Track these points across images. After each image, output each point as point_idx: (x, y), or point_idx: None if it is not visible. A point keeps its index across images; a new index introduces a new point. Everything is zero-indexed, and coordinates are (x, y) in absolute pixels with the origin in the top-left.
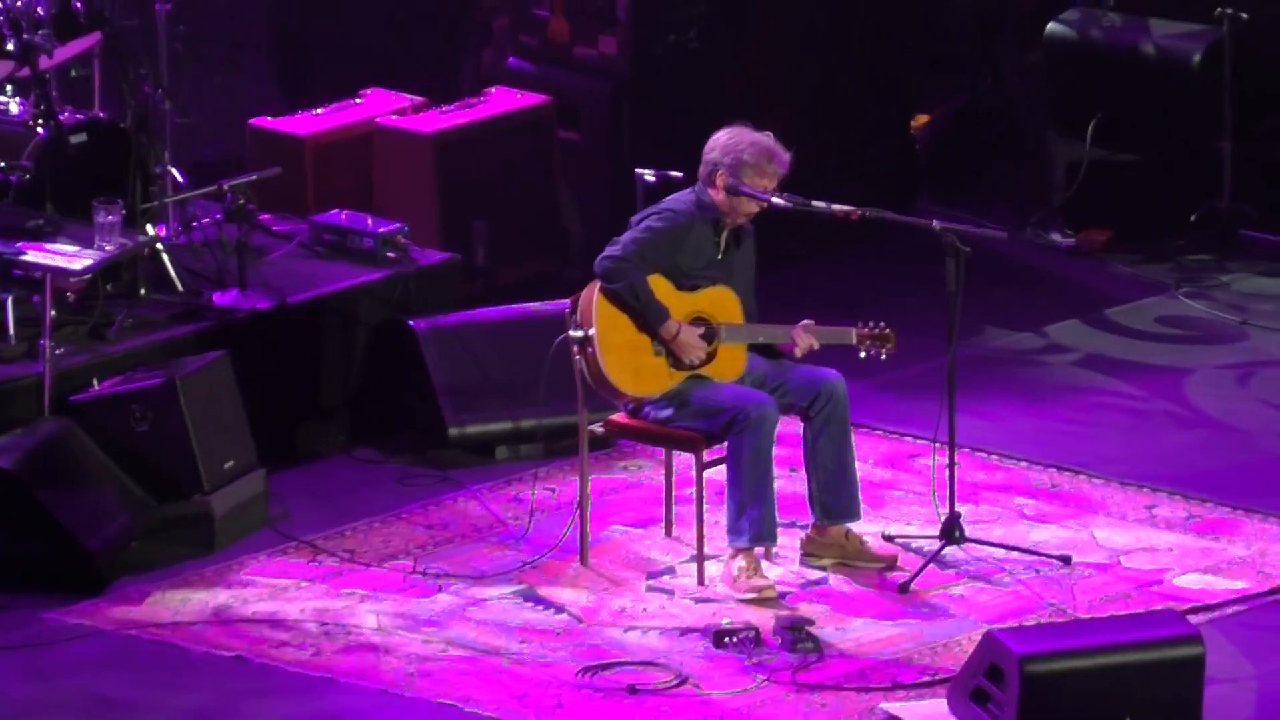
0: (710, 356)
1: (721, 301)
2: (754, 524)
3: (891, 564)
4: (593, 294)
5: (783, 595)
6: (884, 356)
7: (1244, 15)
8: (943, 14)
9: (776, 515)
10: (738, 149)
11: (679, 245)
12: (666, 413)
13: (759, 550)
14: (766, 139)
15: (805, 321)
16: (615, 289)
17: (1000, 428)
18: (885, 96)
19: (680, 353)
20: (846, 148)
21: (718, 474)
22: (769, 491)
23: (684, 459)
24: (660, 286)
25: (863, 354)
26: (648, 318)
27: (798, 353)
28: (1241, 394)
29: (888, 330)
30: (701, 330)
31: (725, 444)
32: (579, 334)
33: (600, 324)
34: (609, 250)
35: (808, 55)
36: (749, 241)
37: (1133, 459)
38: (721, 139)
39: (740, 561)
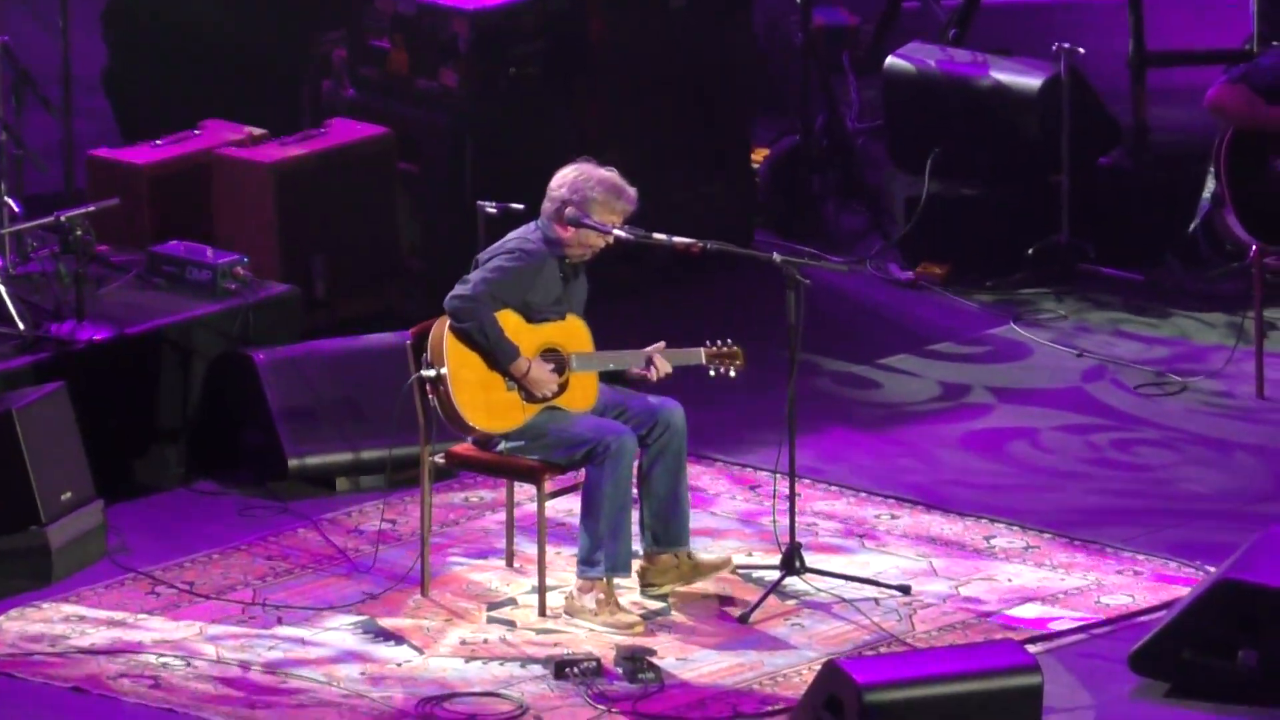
0: (562, 388)
1: (571, 331)
2: (610, 557)
3: (727, 565)
4: (442, 332)
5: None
6: (733, 374)
7: (1081, 50)
8: (777, 49)
9: (632, 547)
10: (585, 186)
11: (530, 284)
12: (520, 444)
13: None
14: (613, 176)
15: (657, 344)
16: (464, 328)
17: (840, 459)
18: (723, 131)
19: (532, 388)
20: (685, 182)
21: (559, 504)
22: (626, 523)
23: (525, 490)
24: (510, 320)
25: (712, 373)
26: (497, 356)
27: (653, 378)
28: (1078, 426)
29: (735, 347)
30: (552, 363)
31: (576, 474)
32: (431, 373)
33: (451, 362)
34: (458, 289)
35: (645, 90)
36: (583, 275)
37: (971, 490)
38: (569, 176)
39: (597, 594)
